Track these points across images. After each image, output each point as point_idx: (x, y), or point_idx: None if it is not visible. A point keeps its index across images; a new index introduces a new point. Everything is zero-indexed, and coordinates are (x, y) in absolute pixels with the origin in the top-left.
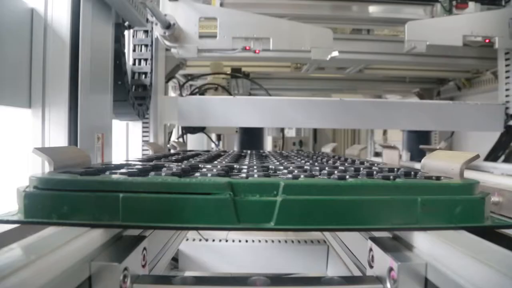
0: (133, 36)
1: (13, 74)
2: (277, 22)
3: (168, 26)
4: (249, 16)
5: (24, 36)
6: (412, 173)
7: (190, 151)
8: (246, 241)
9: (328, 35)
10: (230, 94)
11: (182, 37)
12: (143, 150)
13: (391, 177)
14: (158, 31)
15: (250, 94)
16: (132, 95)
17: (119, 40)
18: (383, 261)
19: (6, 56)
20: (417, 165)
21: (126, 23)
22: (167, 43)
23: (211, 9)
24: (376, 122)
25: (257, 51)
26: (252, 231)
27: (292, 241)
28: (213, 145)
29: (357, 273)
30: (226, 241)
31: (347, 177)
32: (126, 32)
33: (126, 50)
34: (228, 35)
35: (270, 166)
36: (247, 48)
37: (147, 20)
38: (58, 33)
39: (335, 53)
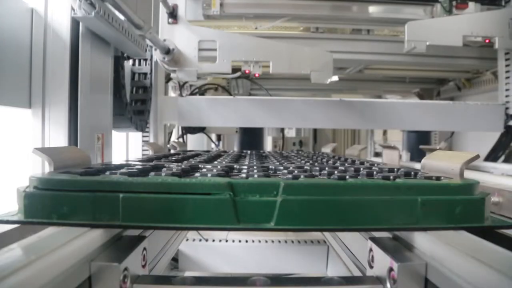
0: None
1: (13, 74)
2: (276, 46)
3: (167, 51)
4: (249, 39)
5: (24, 36)
6: (412, 173)
7: (190, 151)
8: (246, 241)
9: (328, 58)
10: (230, 94)
11: (182, 60)
12: (143, 150)
13: (391, 177)
14: (157, 56)
15: (250, 94)
16: (135, 121)
17: (118, 73)
18: (383, 261)
19: (6, 56)
20: (417, 165)
21: (125, 54)
22: (167, 67)
23: (210, 33)
24: (376, 122)
25: (256, 75)
26: (252, 231)
27: (292, 241)
28: (213, 145)
29: (357, 273)
30: (226, 241)
31: (347, 177)
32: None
33: None
34: (227, 58)
35: (270, 166)
36: (247, 71)
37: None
38: (58, 33)
39: (335, 78)
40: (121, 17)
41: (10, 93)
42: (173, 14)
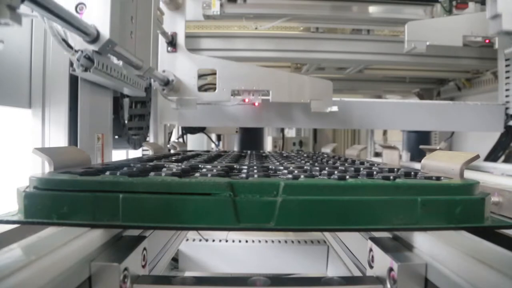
0: None
1: (13, 74)
2: (276, 74)
3: (167, 83)
4: (249, 68)
5: (24, 35)
6: (412, 173)
7: (190, 151)
8: (246, 241)
9: (328, 87)
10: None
11: (181, 89)
12: (143, 150)
13: (391, 178)
14: (156, 87)
15: None
16: (137, 144)
17: (118, 113)
18: (383, 262)
19: (6, 55)
20: (417, 165)
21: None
22: (166, 96)
23: (210, 61)
24: (376, 122)
25: (256, 104)
26: (252, 231)
27: (292, 241)
28: (213, 145)
29: (357, 273)
30: (226, 241)
31: (347, 177)
32: None
33: None
34: (227, 87)
35: (270, 166)
36: (246, 100)
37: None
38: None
39: (334, 108)
40: (119, 61)
41: (10, 93)
42: (172, 43)
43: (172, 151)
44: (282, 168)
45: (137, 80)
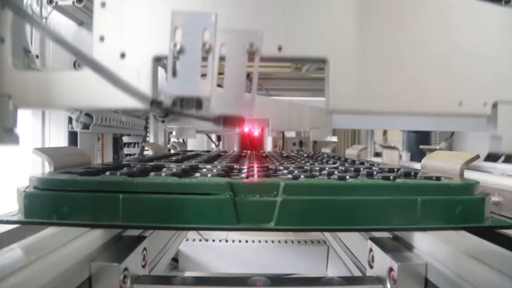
0: None
1: None
2: (276, 103)
3: (166, 114)
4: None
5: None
6: (412, 173)
7: (190, 151)
8: (246, 241)
9: (327, 117)
10: None
11: (181, 117)
12: (143, 150)
13: (391, 178)
14: (156, 118)
15: None
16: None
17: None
18: (383, 262)
19: None
20: (417, 166)
21: None
22: (165, 126)
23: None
24: (376, 122)
25: (256, 134)
26: (252, 231)
27: (292, 241)
28: (213, 145)
29: (357, 273)
30: (226, 241)
31: (347, 177)
32: None
33: None
34: None
35: (270, 167)
36: (246, 130)
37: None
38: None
39: (334, 139)
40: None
41: None
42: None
43: (172, 151)
44: (282, 168)
45: (136, 121)
